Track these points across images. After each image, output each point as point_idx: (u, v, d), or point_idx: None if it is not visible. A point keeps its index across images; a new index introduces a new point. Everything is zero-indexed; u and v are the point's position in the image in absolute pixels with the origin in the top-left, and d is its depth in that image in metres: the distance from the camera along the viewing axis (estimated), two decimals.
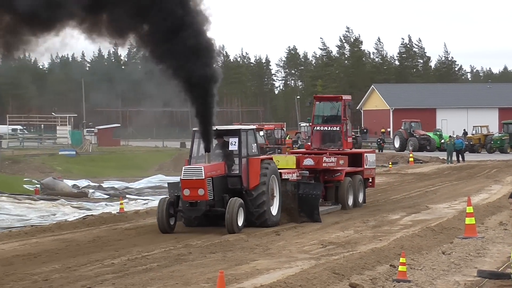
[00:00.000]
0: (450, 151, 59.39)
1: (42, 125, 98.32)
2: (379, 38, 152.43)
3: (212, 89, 22.41)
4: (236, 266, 18.08)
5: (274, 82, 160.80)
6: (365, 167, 28.29)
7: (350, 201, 26.99)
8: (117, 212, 31.26)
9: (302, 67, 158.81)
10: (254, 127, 24.91)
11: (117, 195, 42.13)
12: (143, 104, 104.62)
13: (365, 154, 28.58)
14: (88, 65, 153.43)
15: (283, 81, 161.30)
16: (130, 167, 60.01)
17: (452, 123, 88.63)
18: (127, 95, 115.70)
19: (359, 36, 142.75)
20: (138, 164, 61.48)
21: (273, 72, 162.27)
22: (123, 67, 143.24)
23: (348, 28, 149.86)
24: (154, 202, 37.69)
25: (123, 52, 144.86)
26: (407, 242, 20.42)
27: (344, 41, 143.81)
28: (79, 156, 66.42)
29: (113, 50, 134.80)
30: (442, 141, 71.12)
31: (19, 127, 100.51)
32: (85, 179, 48.82)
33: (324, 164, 25.80)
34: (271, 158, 23.94)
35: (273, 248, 20.78)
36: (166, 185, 42.25)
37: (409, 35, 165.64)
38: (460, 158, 59.65)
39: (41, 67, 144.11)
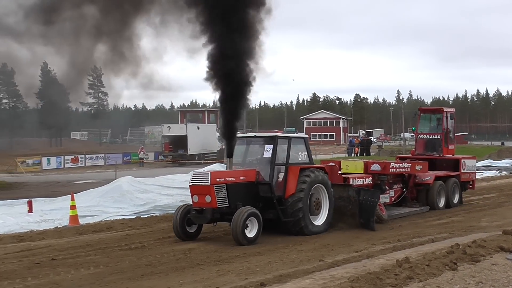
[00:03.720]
0: None
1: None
2: None
3: (244, 100, 16.38)
4: None
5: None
6: (462, 171, 22.30)
7: (441, 203, 20.93)
8: None
9: None
10: (305, 135, 17.29)
11: None
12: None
13: (462, 160, 22.54)
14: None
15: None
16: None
17: None
18: None
19: None
20: (473, 153, 64.15)
21: None
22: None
23: None
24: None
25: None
26: None
27: None
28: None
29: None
30: None
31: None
32: None
33: (391, 170, 19.30)
34: (323, 168, 16.52)
35: None
36: (495, 165, 44.10)
37: None
38: None
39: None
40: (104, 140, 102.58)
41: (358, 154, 56.35)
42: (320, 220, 15.84)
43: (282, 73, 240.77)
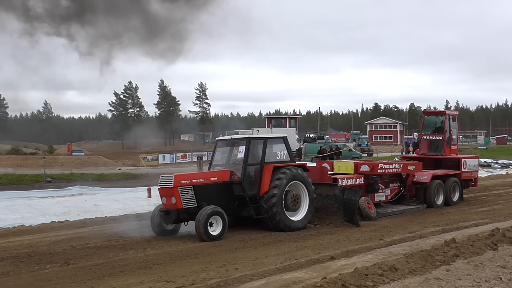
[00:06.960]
0: None
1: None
2: None
3: None
4: None
5: None
6: (462, 170, 19.32)
7: (440, 201, 17.85)
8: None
9: None
10: (284, 135, 14.69)
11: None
12: None
13: (463, 160, 19.62)
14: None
15: None
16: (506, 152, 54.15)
17: None
18: None
19: None
20: None
21: None
22: None
23: None
24: None
25: None
26: None
27: None
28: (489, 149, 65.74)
29: None
30: None
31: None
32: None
33: (380, 170, 16.34)
34: (302, 165, 14.20)
35: None
36: None
37: None
38: None
39: None
40: (207, 141, 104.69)
41: (411, 153, 56.10)
42: (299, 215, 13.51)
43: (347, 85, 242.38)
